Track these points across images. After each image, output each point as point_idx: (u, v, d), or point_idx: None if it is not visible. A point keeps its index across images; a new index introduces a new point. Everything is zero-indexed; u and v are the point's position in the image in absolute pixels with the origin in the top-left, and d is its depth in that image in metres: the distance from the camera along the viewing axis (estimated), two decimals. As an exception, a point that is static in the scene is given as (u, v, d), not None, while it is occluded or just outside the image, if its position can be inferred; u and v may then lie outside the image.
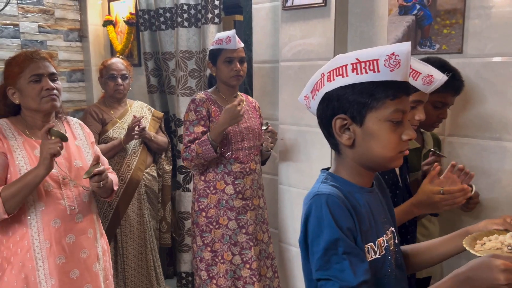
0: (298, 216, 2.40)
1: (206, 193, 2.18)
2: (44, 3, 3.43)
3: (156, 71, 3.21)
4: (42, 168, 1.54)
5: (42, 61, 1.69)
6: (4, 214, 1.54)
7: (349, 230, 0.94)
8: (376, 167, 1.02)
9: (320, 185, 1.02)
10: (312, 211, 0.97)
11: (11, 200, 1.54)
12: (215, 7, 2.71)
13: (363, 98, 0.95)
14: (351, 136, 0.99)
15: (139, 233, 2.69)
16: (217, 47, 2.15)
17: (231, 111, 2.01)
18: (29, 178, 1.55)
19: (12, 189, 1.54)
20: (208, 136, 2.05)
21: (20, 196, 1.55)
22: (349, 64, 0.95)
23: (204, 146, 2.05)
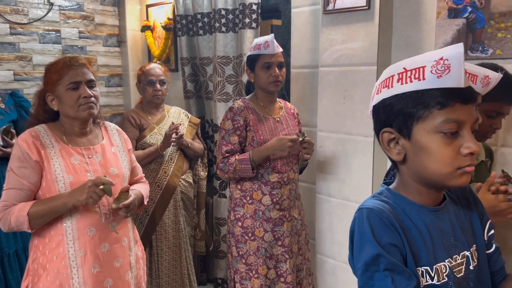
0: (336, 227, 2.32)
1: (242, 202, 2.13)
2: (84, 9, 3.49)
3: (193, 77, 3.19)
4: (73, 202, 1.56)
5: (81, 68, 1.68)
6: (28, 229, 1.58)
7: (392, 246, 0.87)
8: (435, 185, 0.93)
9: (368, 199, 0.96)
10: (356, 226, 0.92)
11: (37, 220, 1.57)
12: (253, 12, 2.66)
13: (408, 109, 0.87)
14: (401, 150, 0.92)
15: (174, 240, 2.67)
16: (255, 52, 2.10)
17: (282, 142, 1.99)
18: (57, 204, 1.57)
19: (39, 209, 1.56)
20: (250, 156, 2.02)
21: (45, 218, 1.58)
22: (396, 74, 0.88)
23: (243, 164, 2.01)
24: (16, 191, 1.59)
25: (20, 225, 1.56)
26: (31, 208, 1.56)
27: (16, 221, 1.55)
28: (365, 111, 2.09)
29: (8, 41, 3.11)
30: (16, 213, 1.55)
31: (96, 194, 1.54)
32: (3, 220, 1.58)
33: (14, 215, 1.55)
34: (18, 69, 3.18)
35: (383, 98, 0.90)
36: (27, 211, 1.55)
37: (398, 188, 0.97)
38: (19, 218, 1.55)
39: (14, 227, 1.57)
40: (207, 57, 3.02)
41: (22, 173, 1.58)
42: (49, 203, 1.57)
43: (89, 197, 1.54)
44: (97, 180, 1.56)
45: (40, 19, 3.25)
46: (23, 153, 1.59)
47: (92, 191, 1.54)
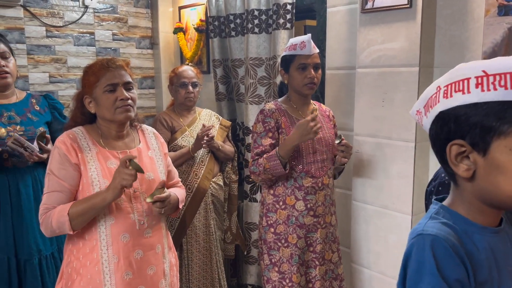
0: (373, 236, 2.22)
1: (275, 208, 2.06)
2: (118, 11, 3.51)
3: (225, 79, 3.15)
4: (111, 194, 1.52)
5: (118, 69, 1.65)
6: (70, 231, 1.54)
7: (457, 283, 0.77)
8: (505, 207, 0.82)
9: (427, 221, 0.85)
10: (413, 253, 0.81)
11: (78, 219, 1.53)
12: (287, 12, 2.59)
13: (489, 121, 0.75)
14: (471, 166, 0.80)
15: (204, 243, 2.63)
16: (290, 53, 2.03)
17: (303, 127, 1.88)
18: (97, 201, 1.53)
19: (79, 208, 1.53)
20: (276, 151, 1.94)
21: (86, 216, 1.55)
22: (473, 78, 0.76)
23: (272, 161, 1.94)
24: (57, 193, 1.57)
25: (62, 226, 1.53)
26: (71, 208, 1.53)
27: (57, 223, 1.53)
28: (406, 115, 1.99)
29: (44, 43, 3.16)
30: (57, 214, 1.54)
31: (127, 174, 1.49)
32: (44, 224, 1.57)
33: (55, 217, 1.54)
34: (53, 71, 3.22)
35: (457, 105, 0.78)
36: (67, 211, 1.52)
37: (456, 205, 0.86)
38: (60, 219, 1.53)
39: (56, 230, 1.55)
40: (239, 59, 2.97)
41: (63, 175, 1.57)
42: (88, 201, 1.54)
43: (122, 179, 1.49)
44: (122, 162, 1.51)
45: (75, 22, 3.28)
46: (62, 155, 1.58)
47: (123, 173, 1.49)
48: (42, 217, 1.57)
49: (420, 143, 2.00)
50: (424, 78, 1.96)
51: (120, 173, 1.50)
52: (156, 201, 1.60)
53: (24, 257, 1.99)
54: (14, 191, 1.99)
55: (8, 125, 1.99)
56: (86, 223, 1.56)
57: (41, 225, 1.58)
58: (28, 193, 2.02)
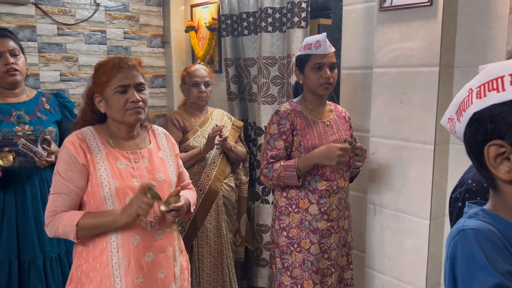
0: (388, 240, 2.16)
1: (288, 211, 2.01)
2: (129, 9, 3.48)
3: (237, 78, 3.10)
4: (124, 220, 1.50)
5: (130, 70, 1.60)
6: (74, 239, 1.52)
7: (509, 275, 0.70)
8: None
9: (466, 220, 0.80)
10: (458, 252, 0.76)
11: (84, 231, 1.52)
12: (302, 10, 2.54)
13: None
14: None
15: (216, 246, 2.59)
16: (305, 52, 1.98)
17: (331, 150, 1.84)
18: (107, 221, 1.51)
19: (89, 222, 1.51)
20: (296, 164, 1.90)
21: (94, 231, 1.53)
22: (507, 75, 0.73)
23: (288, 171, 1.89)
24: (62, 196, 1.54)
25: (67, 234, 1.52)
26: (81, 219, 1.50)
27: (63, 230, 1.51)
28: (425, 116, 1.92)
29: (55, 41, 3.14)
30: (65, 222, 1.51)
31: (145, 204, 1.46)
32: (50, 226, 1.54)
33: (62, 223, 1.51)
34: (64, 69, 3.20)
35: (493, 104, 0.74)
36: (76, 221, 1.50)
37: (497, 209, 0.81)
38: (66, 227, 1.50)
39: (61, 235, 1.53)
40: (251, 58, 2.92)
41: (69, 177, 1.53)
42: (100, 217, 1.52)
43: (138, 207, 1.46)
44: (141, 189, 1.48)
45: (87, 20, 3.26)
46: (70, 156, 1.54)
47: (141, 201, 1.46)
48: (48, 219, 1.54)
49: (440, 146, 1.93)
50: (444, 79, 1.89)
51: (138, 200, 1.47)
52: (172, 210, 1.55)
53: (28, 258, 1.96)
54: (19, 192, 1.96)
55: (17, 125, 1.96)
56: (91, 235, 1.54)
57: (46, 226, 1.55)
58: (34, 193, 1.99)
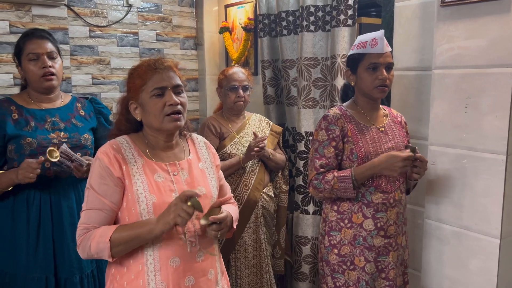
0: (449, 259, 1.94)
1: (340, 226, 1.83)
2: (162, 10, 3.38)
3: (274, 81, 2.95)
4: (160, 228, 1.34)
5: (166, 71, 1.46)
6: (109, 258, 1.37)
7: None
8: None
9: None
10: None
11: (119, 247, 1.36)
12: (349, 7, 2.36)
13: None
14: None
15: (254, 260, 2.43)
16: (359, 51, 1.80)
17: (392, 160, 1.68)
18: (143, 231, 1.35)
19: (123, 235, 1.35)
20: (352, 173, 1.73)
21: (129, 245, 1.37)
22: None
23: (344, 183, 1.73)
24: (96, 211, 1.40)
25: (101, 252, 1.37)
26: (114, 233, 1.36)
27: (96, 248, 1.36)
28: (496, 122, 1.71)
29: (87, 44, 3.05)
30: (97, 238, 1.36)
31: (184, 212, 1.30)
32: (82, 246, 1.40)
33: (95, 240, 1.36)
34: (96, 72, 3.11)
35: None
36: (110, 236, 1.35)
37: None
38: (100, 244, 1.36)
39: (94, 255, 1.38)
40: (290, 59, 2.76)
41: (103, 191, 1.40)
42: (134, 229, 1.36)
43: (177, 215, 1.30)
44: (182, 196, 1.33)
45: (119, 22, 3.16)
46: (104, 168, 1.40)
47: (180, 209, 1.30)
48: (80, 238, 1.40)
49: (512, 156, 1.72)
50: (518, 80, 1.68)
51: (176, 207, 1.31)
52: (213, 222, 1.39)
53: (65, 275, 1.84)
54: (55, 205, 1.85)
55: (51, 132, 1.85)
56: (127, 251, 1.39)
57: (78, 246, 1.41)
58: (70, 206, 1.87)
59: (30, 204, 1.82)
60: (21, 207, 1.81)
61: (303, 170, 2.63)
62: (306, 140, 2.60)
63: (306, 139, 2.60)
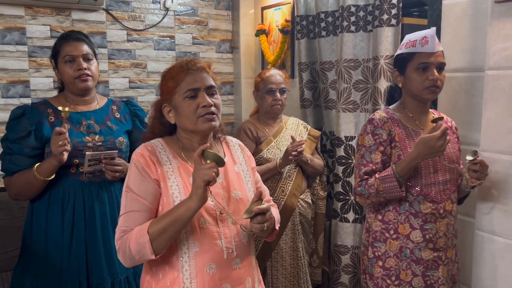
0: (503, 275, 1.78)
1: (384, 237, 1.72)
2: (198, 14, 3.36)
3: (311, 83, 2.86)
4: (195, 199, 1.26)
5: (199, 72, 1.41)
6: (152, 254, 1.29)
7: None
8: None
9: None
10: None
11: (159, 238, 1.28)
12: (392, 7, 2.25)
13: None
14: None
15: (292, 269, 2.34)
16: (408, 50, 1.69)
17: (429, 143, 1.55)
18: (180, 212, 1.27)
19: (161, 224, 1.28)
20: (394, 170, 1.62)
21: (169, 233, 1.28)
22: None
23: (387, 183, 1.62)
24: (135, 213, 1.34)
25: (142, 250, 1.29)
26: (151, 226, 1.29)
27: (136, 245, 1.29)
28: (559, 127, 1.57)
29: (124, 48, 3.06)
30: (135, 235, 1.30)
31: (206, 169, 1.24)
32: (122, 250, 1.34)
33: (133, 238, 1.30)
34: (133, 76, 3.12)
35: None
36: (147, 229, 1.29)
37: None
38: (139, 240, 1.29)
39: (136, 255, 1.31)
40: (329, 61, 2.67)
41: (143, 192, 1.35)
42: (170, 214, 1.29)
43: (203, 176, 1.23)
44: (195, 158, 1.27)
45: (156, 25, 3.16)
46: (140, 169, 1.36)
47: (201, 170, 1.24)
48: (118, 242, 1.35)
49: None
50: None
51: (197, 170, 1.25)
52: (257, 214, 1.31)
53: (96, 280, 1.81)
54: (88, 209, 1.82)
55: (86, 135, 1.83)
56: (169, 242, 1.31)
57: (118, 252, 1.36)
58: (103, 210, 1.85)
59: (64, 207, 1.81)
60: (56, 210, 1.81)
61: (342, 176, 2.53)
62: (346, 145, 2.50)
63: (346, 144, 2.50)
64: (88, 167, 1.77)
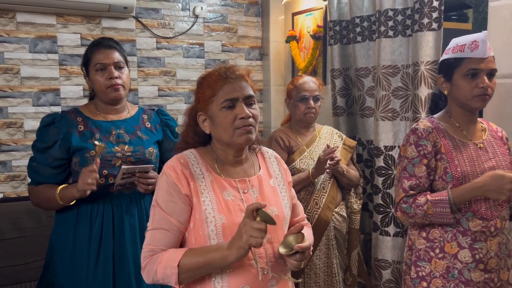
0: None
1: (429, 256, 1.60)
2: (228, 20, 3.31)
3: (345, 91, 2.75)
4: (234, 254, 1.19)
5: (238, 81, 1.33)
6: (176, 284, 1.24)
7: None
8: None
9: None
10: None
11: (187, 273, 1.23)
12: (433, 10, 2.13)
13: None
14: None
15: (326, 286, 2.23)
16: (455, 55, 1.57)
17: (500, 184, 1.43)
18: (216, 257, 1.21)
19: (193, 261, 1.22)
20: (449, 196, 1.50)
21: (199, 273, 1.24)
22: None
23: (439, 207, 1.51)
24: (162, 232, 1.28)
25: (167, 278, 1.24)
26: (183, 258, 1.23)
27: (163, 273, 1.24)
28: None
29: (154, 55, 3.04)
30: (164, 263, 1.24)
31: (256, 230, 1.15)
32: (147, 269, 1.28)
33: (161, 265, 1.24)
34: (162, 84, 3.08)
35: None
36: (178, 261, 1.22)
37: None
38: (167, 270, 1.23)
39: (160, 280, 1.26)
40: (365, 67, 2.56)
41: (171, 209, 1.28)
42: (206, 254, 1.23)
43: (249, 237, 1.16)
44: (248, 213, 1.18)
45: (185, 33, 3.12)
46: (171, 184, 1.29)
47: (250, 229, 1.16)
48: (145, 261, 1.28)
49: None
50: None
51: (247, 227, 1.16)
52: (297, 252, 1.23)
53: None
54: (118, 222, 1.76)
55: (116, 145, 1.78)
56: (196, 278, 1.26)
57: (142, 270, 1.29)
58: (132, 224, 1.78)
59: (93, 220, 1.75)
60: (84, 223, 1.75)
61: (382, 187, 2.40)
62: (385, 155, 2.38)
63: (385, 154, 2.38)
64: (121, 180, 1.71)
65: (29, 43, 2.69)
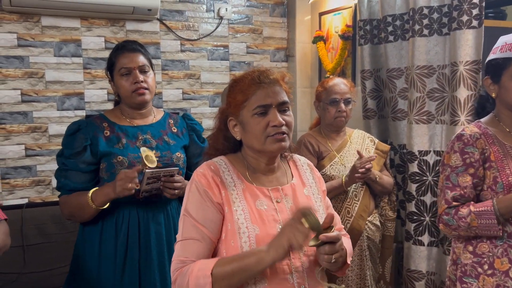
0: None
1: (477, 272, 1.48)
2: (253, 22, 3.23)
3: (376, 92, 2.64)
4: (272, 254, 1.11)
5: (272, 86, 1.25)
6: None
7: None
8: None
9: None
10: None
11: (222, 282, 1.14)
12: (474, 6, 2.01)
13: None
14: None
15: (358, 299, 2.12)
16: (503, 55, 1.46)
17: None
18: (251, 261, 1.13)
19: (227, 268, 1.14)
20: (495, 206, 1.39)
21: (234, 281, 1.15)
22: None
23: (484, 219, 1.40)
24: (194, 242, 1.21)
25: None
26: (216, 266, 1.15)
27: (196, 284, 1.15)
28: None
29: (178, 58, 2.98)
30: (196, 272, 1.16)
31: (300, 233, 1.09)
32: (178, 283, 1.20)
33: (193, 275, 1.16)
34: (186, 87, 3.03)
35: None
36: (211, 270, 1.14)
37: None
38: (199, 279, 1.15)
39: None
40: (397, 68, 2.45)
41: (202, 218, 1.21)
42: (240, 260, 1.15)
43: (292, 237, 1.09)
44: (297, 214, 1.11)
45: (209, 35, 3.06)
46: (202, 192, 1.22)
47: (295, 230, 1.09)
48: (175, 273, 1.21)
49: None
50: None
51: (291, 228, 1.09)
52: (325, 242, 1.14)
53: None
54: (143, 230, 1.70)
55: (142, 150, 1.73)
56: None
57: (173, 283, 1.22)
58: (159, 232, 1.72)
59: (118, 228, 1.70)
60: (110, 231, 1.70)
61: (416, 194, 2.29)
62: (420, 160, 2.26)
63: (420, 159, 2.26)
64: (146, 185, 1.65)
65: (53, 47, 2.67)
